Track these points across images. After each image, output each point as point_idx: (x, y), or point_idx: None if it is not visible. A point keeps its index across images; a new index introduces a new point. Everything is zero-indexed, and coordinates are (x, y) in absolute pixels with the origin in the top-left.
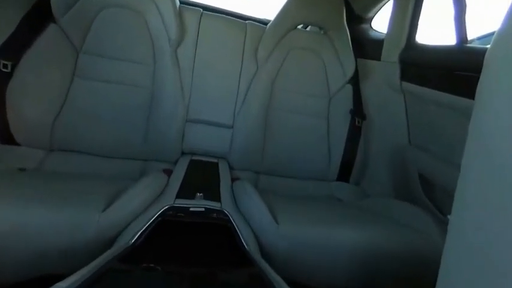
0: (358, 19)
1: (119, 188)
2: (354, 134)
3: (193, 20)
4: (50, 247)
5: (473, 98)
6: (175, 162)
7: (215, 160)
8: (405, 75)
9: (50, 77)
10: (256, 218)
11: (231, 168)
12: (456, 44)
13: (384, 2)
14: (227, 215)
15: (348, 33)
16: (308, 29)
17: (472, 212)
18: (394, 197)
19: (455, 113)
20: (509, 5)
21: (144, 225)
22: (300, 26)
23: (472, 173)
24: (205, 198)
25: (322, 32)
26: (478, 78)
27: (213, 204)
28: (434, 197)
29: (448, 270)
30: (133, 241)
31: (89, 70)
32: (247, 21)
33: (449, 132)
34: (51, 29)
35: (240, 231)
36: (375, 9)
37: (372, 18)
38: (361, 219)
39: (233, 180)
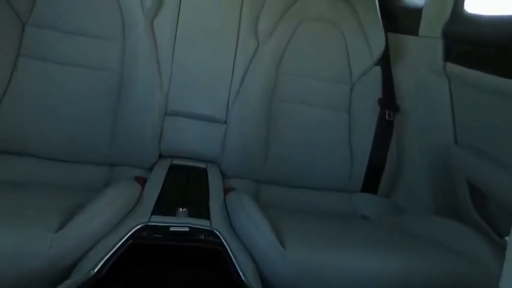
0: None
1: (78, 201)
2: (384, 132)
3: None
4: None
5: None
6: (151, 168)
7: (203, 165)
8: (451, 55)
9: None
10: (256, 241)
11: (223, 175)
12: None
13: None
14: (218, 237)
15: (377, 0)
16: None
17: None
18: (436, 213)
19: None
20: None
21: (110, 251)
22: None
23: None
24: (190, 214)
25: None
26: None
27: (200, 223)
28: (488, 213)
29: None
30: (95, 271)
31: (38, 47)
32: None
33: (508, 129)
34: None
35: (235, 257)
36: None
37: None
38: (393, 243)
39: (226, 191)
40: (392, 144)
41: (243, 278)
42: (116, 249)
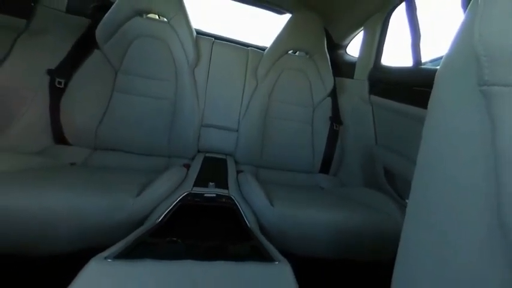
0: (336, 46)
1: (149, 178)
2: (333, 136)
3: (206, 47)
4: (95, 224)
5: (426, 108)
6: (193, 159)
7: (224, 157)
8: (373, 90)
9: (94, 92)
10: (255, 202)
11: (236, 163)
12: (413, 66)
13: (356, 33)
14: (233, 200)
15: (328, 57)
16: (297, 53)
17: (425, 197)
18: (364, 185)
19: (412, 120)
20: (454, 35)
21: (168, 208)
22: (290, 52)
23: (425, 167)
24: (216, 186)
25: (308, 56)
26: (430, 92)
27: (222, 191)
28: (395, 185)
29: (406, 242)
30: (159, 220)
31: (125, 86)
32: (249, 48)
33: (406, 134)
34: (95, 54)
35: (243, 212)
36: (349, 38)
37: (347, 45)
38: (338, 203)
39: (238, 172)
40: (338, 144)
41: (248, 224)
42: (172, 208)
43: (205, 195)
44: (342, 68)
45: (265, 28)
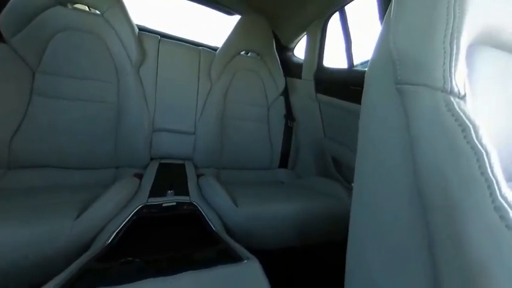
0: (284, 48)
1: (92, 195)
2: (288, 133)
3: (152, 45)
4: (28, 259)
5: (360, 104)
6: (146, 167)
7: (181, 162)
8: (318, 89)
9: (2, 96)
10: (220, 204)
11: (196, 167)
12: (348, 67)
13: (300, 37)
14: (196, 206)
15: (278, 59)
16: (249, 55)
17: (365, 179)
18: (317, 175)
19: (351, 114)
20: (375, 42)
21: (119, 225)
22: (242, 53)
23: (363, 154)
24: (176, 194)
25: (259, 57)
26: (362, 90)
27: (183, 198)
28: (342, 172)
29: (354, 221)
30: (109, 241)
31: (48, 89)
32: (200, 47)
33: (348, 127)
34: (0, 49)
35: (207, 217)
36: (295, 42)
37: (294, 48)
38: (296, 194)
39: (198, 176)
40: (293, 140)
41: (213, 228)
42: (124, 224)
43: (163, 205)
44: (291, 68)
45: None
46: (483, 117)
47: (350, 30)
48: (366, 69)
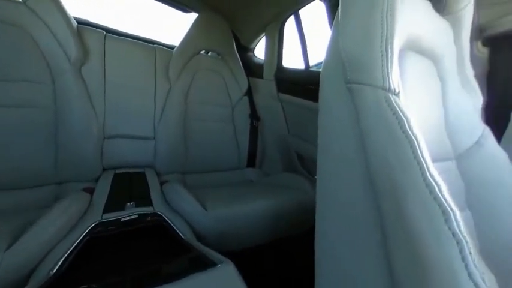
0: (244, 48)
1: (27, 220)
2: (254, 132)
3: (96, 41)
4: None
5: (317, 102)
6: (97, 179)
7: (141, 170)
8: (280, 88)
9: None
10: (187, 210)
11: (158, 174)
12: (304, 68)
13: (260, 38)
14: (161, 216)
15: (239, 59)
16: (209, 54)
17: (327, 172)
18: (283, 171)
19: (311, 112)
20: (327, 44)
21: (68, 250)
22: (202, 52)
23: (322, 148)
24: (137, 205)
25: (219, 57)
26: (318, 89)
27: (146, 210)
28: (306, 166)
29: (319, 212)
30: (55, 270)
31: None
32: (155, 46)
33: (309, 123)
34: None
35: (175, 226)
36: (254, 42)
37: (254, 48)
38: (265, 191)
39: (162, 183)
40: (259, 138)
41: (183, 237)
42: (74, 248)
43: (122, 219)
44: (253, 69)
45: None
46: (412, 110)
47: (305, 33)
48: (321, 69)
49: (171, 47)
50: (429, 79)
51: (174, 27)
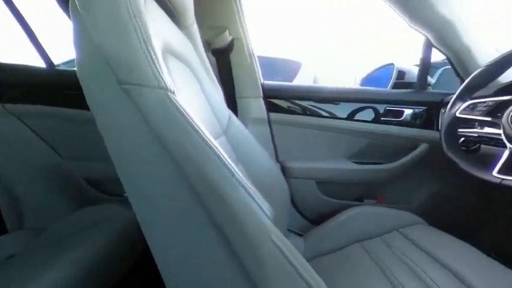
0: None
1: None
2: None
3: None
4: None
5: (83, 108)
6: None
7: None
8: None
9: None
10: None
11: None
12: (47, 67)
13: None
14: None
15: None
16: None
17: (133, 181)
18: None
19: (77, 123)
20: (72, 40)
21: None
22: None
23: (119, 159)
24: None
25: None
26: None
27: None
28: (108, 189)
29: (144, 221)
30: None
31: None
32: None
33: (86, 136)
34: None
35: None
36: None
37: None
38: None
39: None
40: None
41: None
42: None
43: None
44: None
45: None
46: (188, 105)
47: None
48: (75, 69)
49: None
50: (190, 79)
51: None
